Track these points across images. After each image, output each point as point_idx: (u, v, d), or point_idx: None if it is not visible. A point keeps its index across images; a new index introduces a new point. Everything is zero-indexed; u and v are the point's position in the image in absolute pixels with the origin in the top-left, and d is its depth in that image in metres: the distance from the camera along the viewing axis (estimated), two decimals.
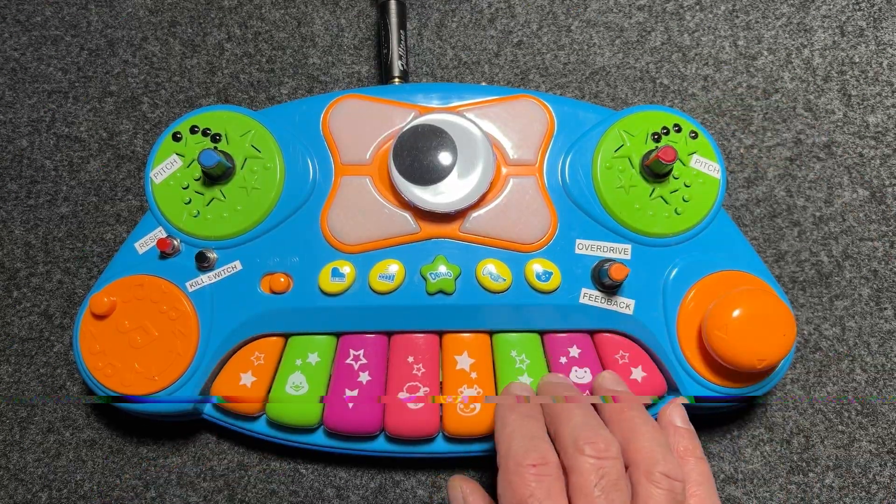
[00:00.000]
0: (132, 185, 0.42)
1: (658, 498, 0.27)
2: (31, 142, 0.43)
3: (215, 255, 0.35)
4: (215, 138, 0.36)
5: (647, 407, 0.36)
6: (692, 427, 0.32)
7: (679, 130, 0.36)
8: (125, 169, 0.42)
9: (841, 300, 0.40)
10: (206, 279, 0.35)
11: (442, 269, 0.34)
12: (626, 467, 0.28)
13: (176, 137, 0.36)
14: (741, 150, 0.42)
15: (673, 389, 0.35)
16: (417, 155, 0.34)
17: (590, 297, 0.35)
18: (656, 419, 0.32)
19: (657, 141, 0.36)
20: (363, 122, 0.36)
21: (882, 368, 0.40)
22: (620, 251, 0.35)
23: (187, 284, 0.35)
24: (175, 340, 0.34)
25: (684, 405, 0.33)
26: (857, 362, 0.40)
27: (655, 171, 0.35)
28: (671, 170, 0.35)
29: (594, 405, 0.31)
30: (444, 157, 0.34)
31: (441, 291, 0.34)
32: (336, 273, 0.34)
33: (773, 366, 0.33)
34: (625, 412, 0.30)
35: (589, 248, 0.35)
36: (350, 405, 0.34)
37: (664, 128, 0.36)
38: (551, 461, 0.27)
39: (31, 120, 0.43)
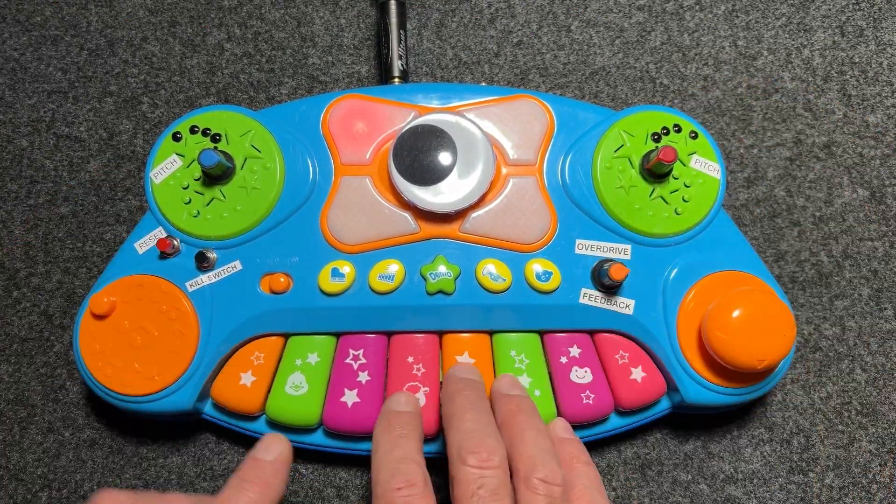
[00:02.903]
0: (132, 185, 0.42)
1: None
2: (31, 142, 0.43)
3: (215, 255, 0.35)
4: (215, 138, 0.36)
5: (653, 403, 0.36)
6: (577, 437, 0.33)
7: (679, 130, 0.36)
8: (125, 169, 0.42)
9: (841, 300, 0.40)
10: (206, 279, 0.35)
11: (442, 269, 0.34)
12: (511, 476, 0.28)
13: (176, 137, 0.36)
14: (741, 150, 0.42)
15: (673, 389, 0.35)
16: (417, 155, 0.34)
17: (590, 297, 0.35)
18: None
19: (657, 141, 0.36)
20: (363, 123, 0.36)
21: (882, 368, 0.40)
22: (620, 251, 0.35)
23: (187, 284, 0.35)
24: (175, 340, 0.34)
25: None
26: (857, 362, 0.40)
27: (656, 172, 0.35)
28: (671, 170, 0.35)
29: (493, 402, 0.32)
30: (444, 158, 0.34)
31: (441, 291, 0.34)
32: (336, 273, 0.34)
33: (773, 366, 0.33)
34: (516, 416, 0.30)
35: (589, 248, 0.35)
36: (349, 405, 0.34)
37: (664, 128, 0.36)
38: (417, 481, 0.27)
39: (31, 120, 0.43)
